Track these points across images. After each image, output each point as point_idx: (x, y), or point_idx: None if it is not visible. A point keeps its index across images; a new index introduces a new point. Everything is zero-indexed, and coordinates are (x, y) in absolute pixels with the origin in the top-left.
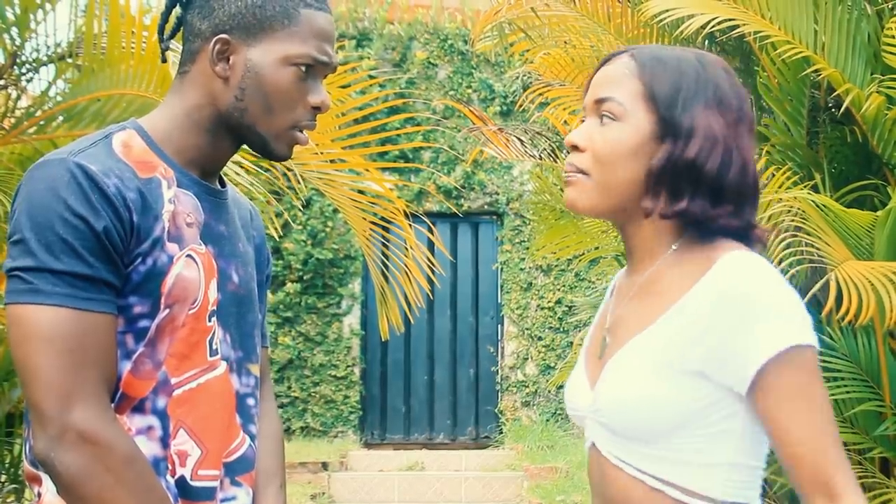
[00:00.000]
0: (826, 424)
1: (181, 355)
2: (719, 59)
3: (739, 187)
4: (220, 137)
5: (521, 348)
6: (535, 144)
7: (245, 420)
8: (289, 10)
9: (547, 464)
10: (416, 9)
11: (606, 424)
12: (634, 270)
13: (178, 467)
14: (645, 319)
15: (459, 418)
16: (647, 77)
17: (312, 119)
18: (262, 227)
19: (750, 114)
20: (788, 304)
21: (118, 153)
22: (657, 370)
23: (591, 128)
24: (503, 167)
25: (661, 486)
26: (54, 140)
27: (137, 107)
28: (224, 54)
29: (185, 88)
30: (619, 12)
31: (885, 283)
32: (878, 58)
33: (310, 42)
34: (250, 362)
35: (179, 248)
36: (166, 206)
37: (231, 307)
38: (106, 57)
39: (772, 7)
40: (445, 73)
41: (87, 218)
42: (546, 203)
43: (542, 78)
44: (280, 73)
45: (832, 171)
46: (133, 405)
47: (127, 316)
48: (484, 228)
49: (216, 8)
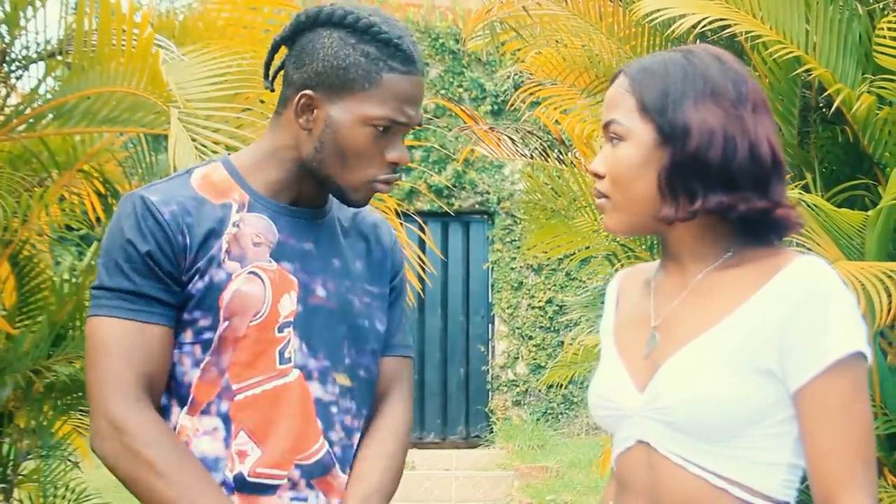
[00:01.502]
0: (858, 443)
1: (244, 363)
2: (708, 48)
3: (752, 170)
4: (305, 177)
5: (511, 347)
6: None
7: (326, 426)
8: (371, 74)
9: (537, 463)
10: (407, 7)
11: (671, 423)
12: (682, 272)
13: (238, 464)
14: (708, 319)
15: (450, 417)
16: (638, 89)
17: (391, 172)
18: (391, 243)
19: (754, 92)
20: (856, 313)
21: (193, 184)
22: (729, 368)
23: (605, 152)
24: (494, 166)
25: (726, 484)
26: (44, 138)
27: (128, 105)
28: (308, 108)
29: (278, 128)
30: (610, 12)
31: (876, 283)
32: (869, 58)
33: (389, 104)
34: (336, 371)
35: (241, 265)
36: (229, 228)
37: (314, 319)
38: (96, 54)
39: (763, 7)
40: (437, 71)
41: (135, 242)
42: (537, 202)
43: (534, 77)
44: (357, 131)
45: (823, 171)
46: (201, 408)
47: (194, 329)
48: (475, 227)
49: (307, 63)
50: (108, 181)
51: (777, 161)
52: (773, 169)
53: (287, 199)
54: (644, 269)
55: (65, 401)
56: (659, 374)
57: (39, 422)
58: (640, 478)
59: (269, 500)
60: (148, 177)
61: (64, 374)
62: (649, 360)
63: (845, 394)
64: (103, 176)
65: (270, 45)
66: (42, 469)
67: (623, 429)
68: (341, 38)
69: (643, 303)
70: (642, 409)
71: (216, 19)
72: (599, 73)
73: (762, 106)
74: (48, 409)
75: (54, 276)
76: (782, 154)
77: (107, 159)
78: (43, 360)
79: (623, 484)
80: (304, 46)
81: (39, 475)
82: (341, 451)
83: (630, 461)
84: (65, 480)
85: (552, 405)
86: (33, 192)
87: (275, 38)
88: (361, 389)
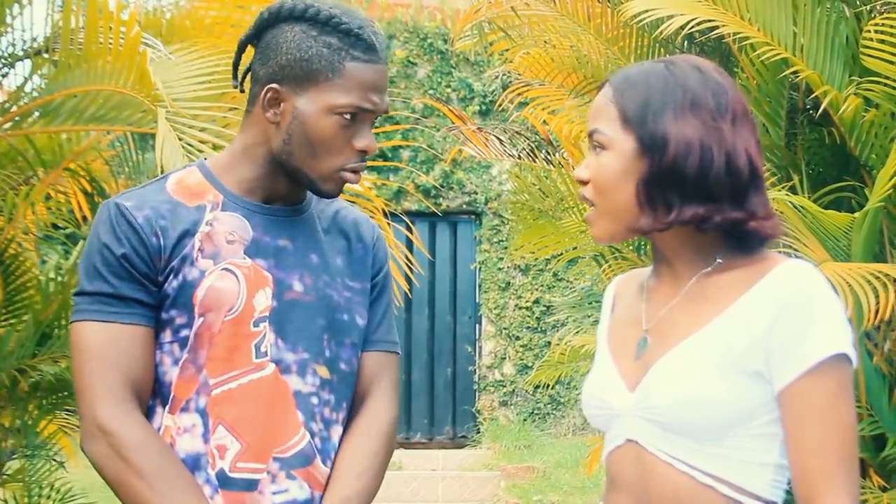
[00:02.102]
0: (841, 444)
1: (221, 358)
2: (692, 59)
3: (729, 181)
4: (276, 172)
5: (498, 348)
6: (514, 144)
7: (307, 418)
8: (334, 64)
9: (524, 463)
10: (395, 7)
11: (660, 422)
12: (673, 277)
13: (218, 460)
14: (697, 322)
15: (437, 417)
16: (620, 100)
17: (360, 161)
18: (372, 239)
19: (735, 102)
20: (842, 316)
21: (168, 189)
22: (717, 369)
23: (589, 160)
24: (482, 166)
25: (713, 482)
26: (30, 136)
27: (115, 103)
28: (275, 101)
29: (248, 126)
30: (598, 12)
31: (863, 284)
32: (856, 60)
33: (353, 92)
34: (317, 364)
35: (214, 262)
36: (202, 227)
37: (290, 313)
38: (83, 52)
39: (751, 8)
40: (425, 71)
41: (111, 246)
42: (524, 203)
43: (522, 77)
44: (324, 121)
45: (810, 173)
46: (181, 406)
47: (171, 327)
48: (462, 228)
49: (271, 57)
50: (94, 180)
51: (755, 172)
52: (750, 180)
53: (261, 197)
54: (639, 274)
55: (50, 400)
56: (649, 375)
57: (24, 421)
58: (629, 475)
59: (252, 496)
60: (135, 175)
61: (49, 373)
62: (640, 362)
63: (828, 395)
64: (90, 174)
65: (237, 45)
66: (27, 469)
67: (613, 428)
68: (303, 30)
69: (636, 306)
70: (632, 409)
71: (203, 18)
72: (587, 73)
73: (742, 117)
74: (33, 409)
75: (40, 275)
76: (761, 165)
77: (93, 158)
78: (28, 359)
79: (613, 481)
80: (269, 42)
81: (24, 475)
82: (321, 442)
83: (620, 459)
84: (50, 480)
85: (539, 405)
86: (19, 191)
87: (240, 39)
88: (341, 382)
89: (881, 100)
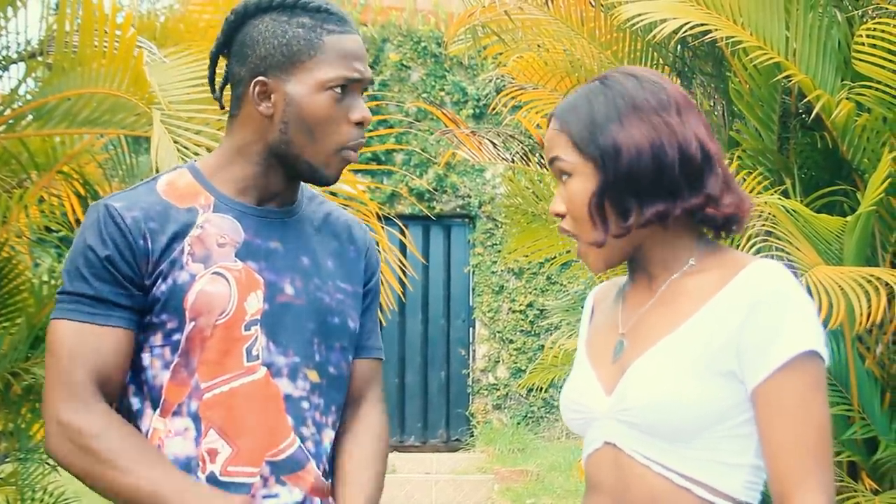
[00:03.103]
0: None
1: (212, 362)
2: (625, 68)
3: (685, 170)
4: (272, 169)
5: (492, 351)
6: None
7: (298, 422)
8: (313, 41)
9: (517, 467)
10: (389, 11)
11: (636, 424)
12: (648, 281)
13: (209, 464)
14: (671, 324)
15: (430, 421)
16: (567, 128)
17: (359, 136)
18: (365, 243)
19: (675, 94)
20: (813, 314)
21: (158, 190)
22: (691, 370)
23: (560, 192)
24: (475, 170)
25: (689, 484)
26: (23, 139)
27: (108, 106)
28: (265, 94)
29: (235, 130)
30: (592, 17)
31: (855, 287)
32: (849, 64)
33: (339, 63)
34: (307, 367)
35: (205, 266)
36: (193, 230)
37: (282, 316)
38: (77, 55)
39: (744, 13)
40: (418, 75)
41: (95, 247)
42: (518, 206)
43: (516, 81)
44: (317, 99)
45: (802, 177)
46: (173, 410)
47: (163, 331)
48: (456, 231)
49: (249, 54)
50: (88, 183)
51: (706, 154)
52: (703, 163)
53: (254, 198)
54: (617, 282)
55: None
56: (625, 378)
57: (17, 424)
58: (607, 478)
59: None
60: (128, 178)
61: (42, 376)
62: (617, 365)
63: (799, 393)
64: (83, 178)
65: (209, 58)
66: (20, 472)
67: (591, 431)
68: (273, 19)
69: (614, 311)
70: (609, 412)
71: (197, 21)
72: (581, 77)
73: (686, 105)
74: (26, 412)
75: (33, 278)
76: (713, 146)
77: (87, 161)
78: (21, 362)
79: (592, 484)
80: (243, 41)
81: (17, 478)
82: (314, 446)
83: (598, 462)
84: (43, 484)
85: (533, 409)
86: (12, 194)
87: (211, 51)
88: (331, 386)
89: (873, 104)
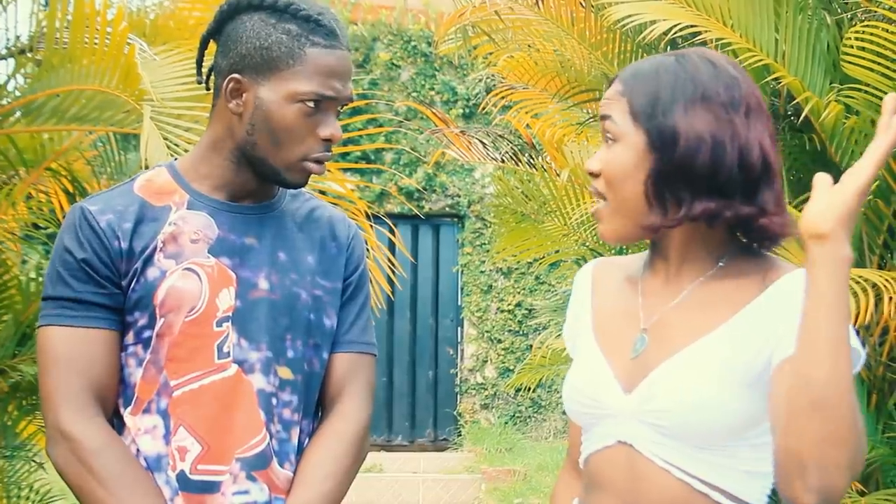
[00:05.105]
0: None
1: (181, 359)
2: (704, 51)
3: (741, 176)
4: (242, 167)
5: (480, 351)
6: (497, 147)
7: (268, 418)
8: (294, 51)
9: (505, 466)
10: (379, 10)
11: (661, 427)
12: (672, 274)
13: (179, 462)
14: (702, 327)
15: (418, 420)
16: (629, 93)
17: (325, 150)
18: (348, 238)
19: (749, 95)
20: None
21: (135, 190)
22: (723, 377)
23: (601, 153)
24: (465, 169)
25: (707, 489)
26: (11, 135)
27: (98, 103)
28: (237, 92)
29: (214, 121)
30: (582, 17)
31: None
32: (837, 67)
33: (315, 79)
34: (278, 364)
35: (176, 262)
36: (165, 227)
37: (255, 312)
38: (67, 51)
39: (733, 14)
40: (408, 74)
41: (72, 250)
42: (507, 206)
43: (506, 81)
44: (286, 109)
45: (791, 179)
46: (143, 407)
47: (135, 329)
48: (445, 230)
49: (231, 48)
50: (76, 180)
51: (768, 166)
52: (762, 174)
53: (228, 194)
54: (620, 264)
55: (30, 401)
56: (651, 378)
57: (4, 422)
58: (616, 478)
59: (213, 498)
60: (117, 176)
61: (30, 373)
62: (638, 362)
63: None
64: (71, 174)
65: (199, 42)
66: (6, 469)
67: (602, 427)
68: (262, 19)
69: (628, 301)
70: (630, 411)
71: (187, 18)
72: (571, 77)
73: (757, 109)
74: (13, 409)
75: (21, 275)
76: (775, 159)
77: (75, 158)
78: (8, 359)
79: (595, 483)
80: (229, 34)
81: (3, 476)
82: (278, 444)
83: (606, 460)
84: (29, 481)
85: (520, 409)
86: (0, 190)
87: (202, 35)
88: (305, 383)
89: (861, 107)
